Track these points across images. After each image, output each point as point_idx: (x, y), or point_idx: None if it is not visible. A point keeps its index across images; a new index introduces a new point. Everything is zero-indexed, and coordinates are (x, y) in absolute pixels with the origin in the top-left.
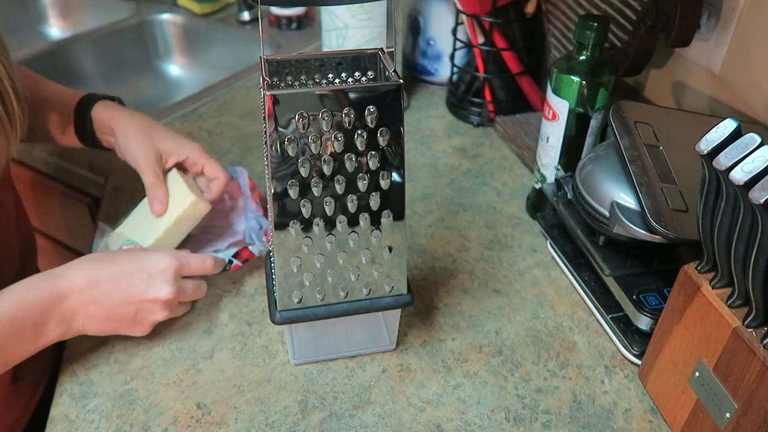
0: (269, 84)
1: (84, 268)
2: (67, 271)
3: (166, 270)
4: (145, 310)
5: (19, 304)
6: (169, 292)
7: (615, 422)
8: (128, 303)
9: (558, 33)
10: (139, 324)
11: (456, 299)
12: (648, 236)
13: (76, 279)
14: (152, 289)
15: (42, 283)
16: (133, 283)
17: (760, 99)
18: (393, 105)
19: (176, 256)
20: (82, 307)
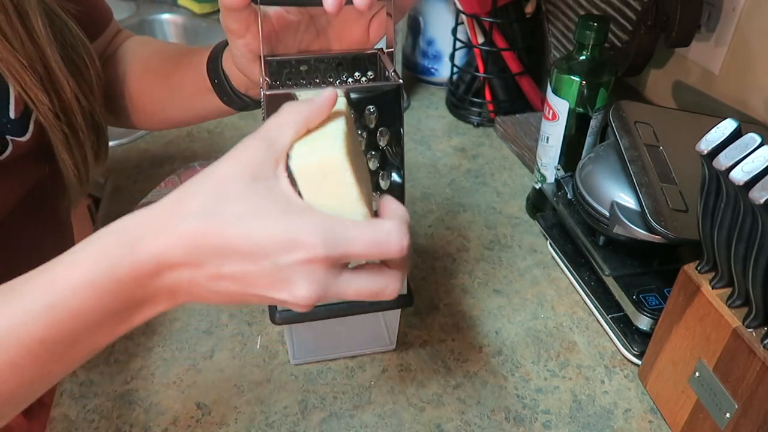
0: (269, 84)
1: (181, 232)
2: (154, 234)
3: (302, 261)
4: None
5: (86, 288)
6: (309, 296)
7: (615, 422)
8: (250, 295)
9: (558, 33)
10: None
11: (456, 299)
12: (648, 236)
13: (169, 251)
14: (282, 292)
15: (118, 256)
16: (253, 280)
17: (760, 99)
18: (393, 105)
19: (327, 236)
20: (183, 287)
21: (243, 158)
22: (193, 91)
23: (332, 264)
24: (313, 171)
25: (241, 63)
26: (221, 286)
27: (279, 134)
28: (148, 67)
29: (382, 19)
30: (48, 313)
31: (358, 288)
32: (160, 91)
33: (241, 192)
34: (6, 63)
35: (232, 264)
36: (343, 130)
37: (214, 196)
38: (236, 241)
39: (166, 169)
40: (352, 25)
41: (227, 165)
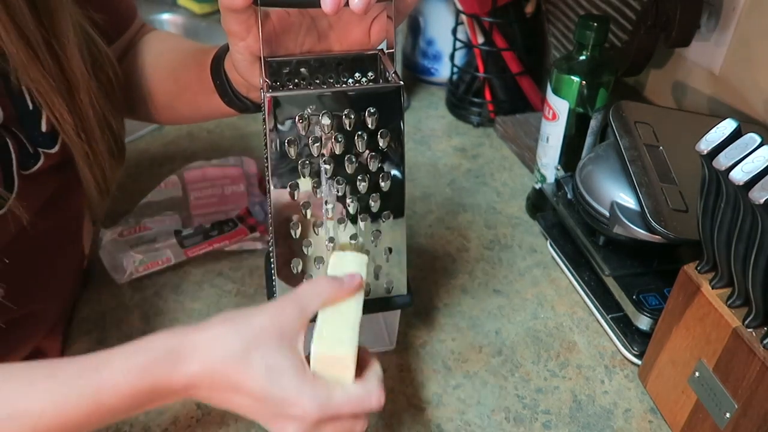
0: (269, 85)
1: (214, 366)
2: (192, 361)
3: (297, 418)
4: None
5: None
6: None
7: (615, 422)
8: (253, 418)
9: (558, 33)
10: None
11: (456, 299)
12: (648, 236)
13: (200, 378)
14: (275, 428)
15: (161, 373)
16: (258, 411)
17: (760, 99)
18: (393, 106)
19: (322, 405)
20: (199, 397)
21: (276, 318)
22: (198, 91)
23: (320, 421)
24: (325, 360)
25: (241, 66)
26: (229, 407)
27: (309, 304)
28: (160, 63)
29: (383, 21)
30: (93, 407)
31: (333, 431)
32: (169, 87)
33: (268, 348)
34: (36, 83)
35: (243, 399)
36: (358, 322)
37: (246, 343)
38: (253, 387)
39: (166, 169)
40: (353, 27)
41: (263, 319)
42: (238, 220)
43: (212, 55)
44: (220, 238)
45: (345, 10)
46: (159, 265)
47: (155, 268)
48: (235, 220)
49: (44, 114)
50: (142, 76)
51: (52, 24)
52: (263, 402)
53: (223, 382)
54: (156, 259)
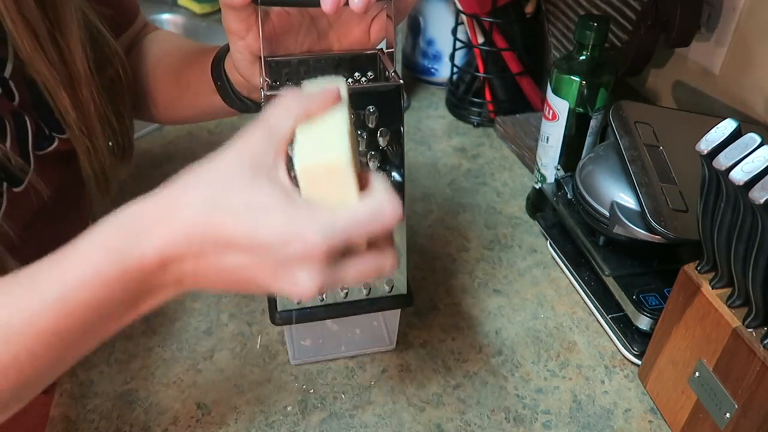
0: (269, 85)
1: (184, 223)
2: (158, 226)
3: (301, 257)
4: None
5: (97, 281)
6: (310, 288)
7: (615, 422)
8: (254, 285)
9: (558, 33)
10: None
11: (456, 299)
12: (648, 236)
13: (173, 243)
14: (284, 284)
15: (125, 248)
16: (254, 273)
17: (760, 99)
18: (393, 105)
19: (327, 230)
20: (188, 276)
21: (244, 149)
22: (199, 91)
23: (332, 254)
24: (318, 172)
25: (241, 65)
26: (225, 276)
27: (279, 124)
28: (161, 63)
29: (382, 20)
30: (61, 305)
31: (357, 271)
32: (170, 87)
33: (242, 184)
34: (42, 76)
35: (234, 256)
36: (347, 129)
37: (215, 187)
38: (237, 234)
39: (166, 169)
40: (353, 26)
41: (229, 156)
42: None
43: (213, 56)
44: None
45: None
46: None
47: None
48: None
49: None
50: (144, 75)
51: (57, 16)
52: (255, 251)
53: (203, 243)
54: None
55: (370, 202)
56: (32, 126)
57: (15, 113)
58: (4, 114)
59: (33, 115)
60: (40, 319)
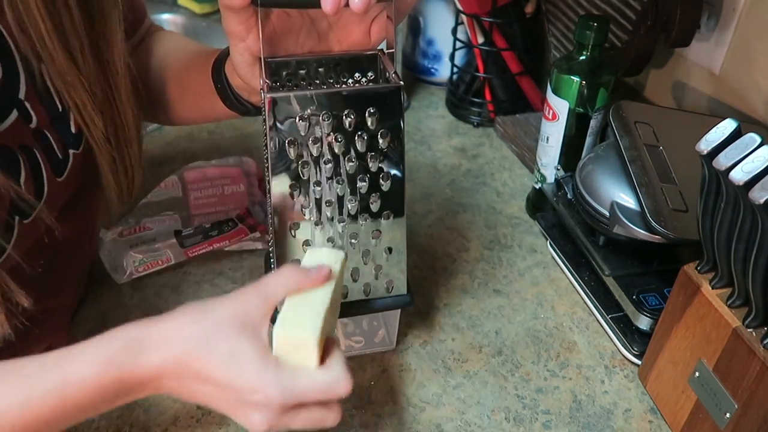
0: (269, 86)
1: (176, 354)
2: (156, 351)
3: (260, 405)
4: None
5: (93, 387)
6: (259, 428)
7: (615, 422)
8: (218, 411)
9: (558, 33)
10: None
11: (456, 299)
12: (648, 236)
13: (164, 368)
14: (241, 416)
15: (126, 363)
16: (219, 403)
17: (760, 99)
18: (393, 106)
19: (285, 390)
20: (167, 389)
21: (240, 305)
22: (200, 93)
23: (286, 407)
24: (287, 343)
25: (241, 67)
26: (195, 397)
27: (273, 292)
28: (165, 64)
29: (382, 21)
30: (59, 402)
31: (303, 420)
32: (173, 89)
33: (229, 334)
34: (69, 85)
35: (207, 387)
36: (326, 307)
37: (208, 331)
38: (215, 373)
39: (166, 169)
40: (353, 27)
41: (226, 307)
42: (238, 220)
43: (214, 59)
44: (220, 238)
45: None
46: (159, 265)
47: (155, 268)
48: (235, 220)
49: (72, 115)
50: (148, 76)
51: (104, 23)
52: (226, 390)
53: (186, 371)
54: (156, 259)
55: (327, 375)
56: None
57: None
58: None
59: (49, 134)
60: (35, 410)
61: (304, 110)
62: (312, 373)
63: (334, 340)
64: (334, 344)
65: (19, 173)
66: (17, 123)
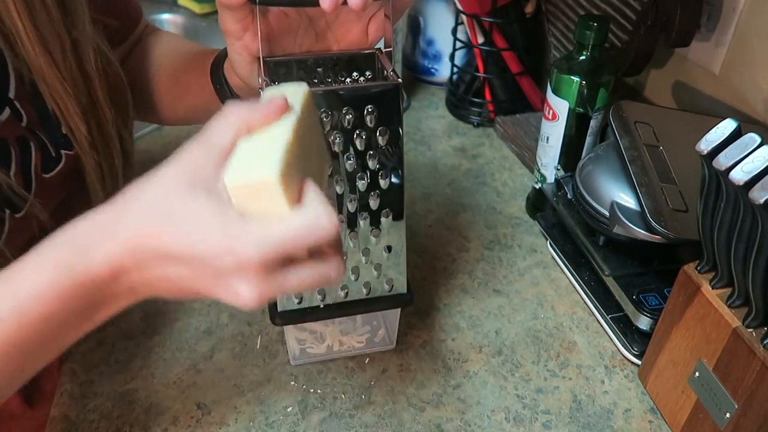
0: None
1: (125, 236)
2: (103, 239)
3: (237, 269)
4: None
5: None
6: (249, 299)
7: (615, 422)
8: (200, 293)
9: (558, 33)
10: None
11: (456, 299)
12: (648, 236)
13: (117, 256)
14: (223, 293)
15: (74, 263)
16: (194, 283)
17: (760, 99)
18: (392, 105)
19: (259, 245)
20: (139, 286)
21: (185, 162)
22: (198, 93)
23: (269, 266)
24: (245, 191)
25: (239, 66)
26: (169, 285)
27: (219, 137)
28: (162, 65)
29: (380, 20)
30: (17, 319)
31: (300, 279)
32: (170, 89)
33: (180, 197)
34: (53, 89)
35: (174, 267)
36: (286, 140)
37: (155, 200)
38: (175, 247)
39: None
40: (351, 26)
41: (170, 169)
42: None
43: (212, 59)
44: None
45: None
46: None
47: None
48: None
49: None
50: (145, 76)
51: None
52: (195, 263)
53: (145, 254)
54: None
55: (304, 214)
56: (37, 150)
57: (20, 138)
58: (9, 139)
59: (41, 134)
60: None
61: None
62: (284, 216)
63: (310, 181)
64: (309, 184)
65: (10, 165)
66: (9, 121)
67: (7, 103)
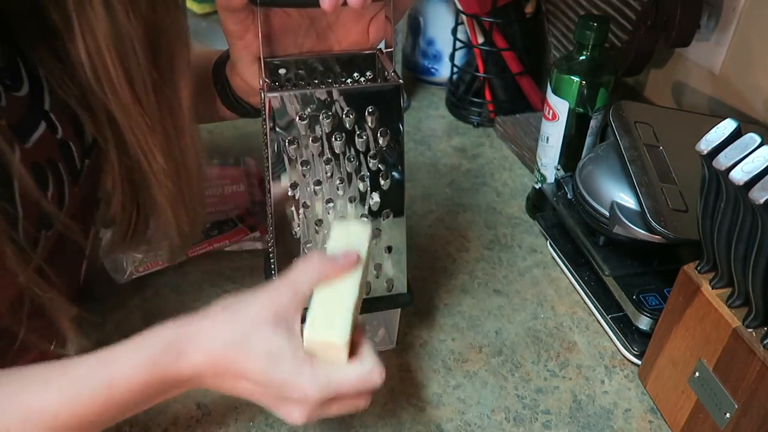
0: (269, 85)
1: (214, 355)
2: (195, 353)
3: (299, 401)
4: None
5: (138, 387)
6: (299, 420)
7: (615, 422)
8: (260, 402)
9: (558, 33)
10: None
11: (456, 299)
12: (648, 236)
13: (204, 368)
14: (280, 411)
15: (168, 365)
16: (259, 398)
17: (760, 99)
18: (392, 105)
19: (322, 387)
20: (208, 386)
21: (271, 302)
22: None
23: (324, 402)
24: (318, 344)
25: (240, 67)
26: (235, 393)
27: (301, 284)
28: None
29: (381, 20)
30: (106, 402)
31: (338, 410)
32: None
33: (264, 333)
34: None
35: (246, 384)
36: (354, 300)
37: (245, 330)
38: (254, 373)
39: None
40: (352, 26)
41: (257, 305)
42: (238, 220)
43: (214, 60)
44: (220, 237)
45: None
46: (159, 265)
47: (155, 268)
48: (235, 220)
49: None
50: None
51: (172, 66)
52: (266, 387)
53: (226, 370)
54: (156, 259)
55: (360, 368)
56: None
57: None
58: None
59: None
60: (85, 411)
61: (303, 110)
62: (346, 368)
63: (362, 330)
64: (362, 334)
65: (47, 188)
66: (45, 134)
67: (43, 116)
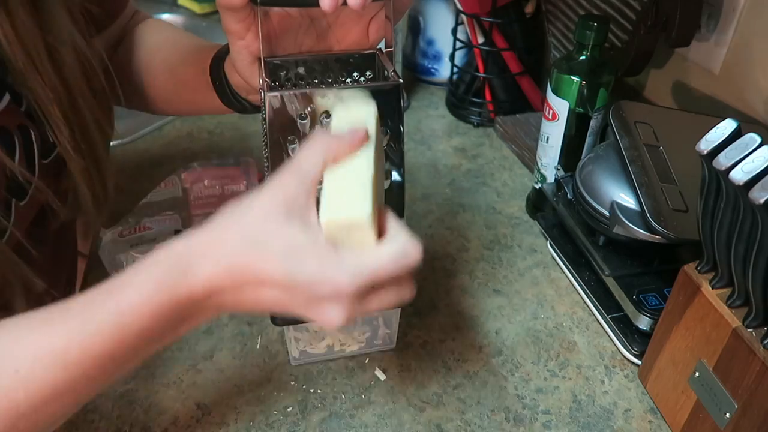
0: (269, 85)
1: (227, 261)
2: (204, 262)
3: (332, 297)
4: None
5: (149, 311)
6: (339, 321)
7: (615, 422)
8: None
9: (558, 33)
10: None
11: (456, 299)
12: (648, 236)
13: (217, 279)
14: (315, 314)
15: (175, 283)
16: (288, 305)
17: (760, 99)
18: (392, 105)
19: (354, 275)
20: (228, 304)
21: (279, 192)
22: (196, 89)
23: (360, 293)
24: (339, 227)
25: (240, 66)
26: (261, 305)
27: (309, 167)
28: (157, 57)
29: (381, 20)
30: (117, 333)
31: (379, 303)
32: (166, 82)
33: (277, 226)
34: (33, 92)
35: (271, 291)
36: (371, 176)
37: (253, 228)
38: (274, 274)
39: (166, 169)
40: (352, 26)
41: (265, 198)
42: None
43: (212, 55)
44: None
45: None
46: None
47: None
48: None
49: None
50: (138, 67)
51: (50, 25)
52: (292, 290)
53: (242, 276)
54: None
55: (393, 245)
56: (36, 137)
57: (21, 126)
58: (11, 126)
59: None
60: (96, 345)
61: (303, 109)
62: (377, 249)
63: (386, 212)
64: (390, 215)
65: (15, 153)
66: (9, 107)
67: (7, 88)
